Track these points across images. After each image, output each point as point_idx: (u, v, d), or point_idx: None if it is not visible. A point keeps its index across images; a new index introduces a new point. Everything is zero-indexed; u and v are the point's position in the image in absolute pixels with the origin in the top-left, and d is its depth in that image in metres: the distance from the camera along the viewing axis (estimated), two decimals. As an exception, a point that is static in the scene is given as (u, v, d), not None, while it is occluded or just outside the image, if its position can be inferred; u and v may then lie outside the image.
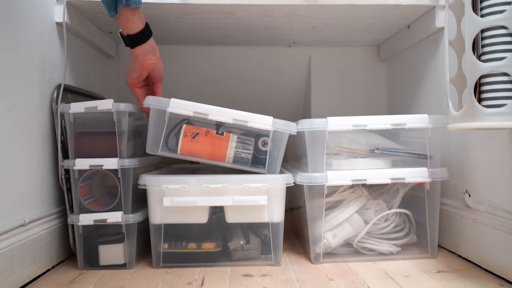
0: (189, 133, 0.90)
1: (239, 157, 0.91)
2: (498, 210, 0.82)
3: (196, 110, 0.87)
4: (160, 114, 0.88)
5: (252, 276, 0.84)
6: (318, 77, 1.46)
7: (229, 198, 0.87)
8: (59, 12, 0.96)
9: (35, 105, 0.87)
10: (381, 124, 0.90)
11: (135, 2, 0.84)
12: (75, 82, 1.08)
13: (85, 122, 0.91)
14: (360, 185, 0.93)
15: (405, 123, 0.90)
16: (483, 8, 0.69)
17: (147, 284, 0.80)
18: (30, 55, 0.85)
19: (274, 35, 1.28)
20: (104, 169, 0.88)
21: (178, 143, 0.89)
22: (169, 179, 0.87)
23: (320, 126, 0.90)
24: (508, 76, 0.66)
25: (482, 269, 0.86)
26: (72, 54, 1.06)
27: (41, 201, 0.88)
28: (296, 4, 1.00)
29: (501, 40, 0.67)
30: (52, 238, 0.89)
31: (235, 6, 1.00)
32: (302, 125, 0.91)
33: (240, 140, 0.91)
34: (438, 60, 1.07)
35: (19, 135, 0.80)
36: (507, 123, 0.66)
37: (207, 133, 0.90)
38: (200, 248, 0.90)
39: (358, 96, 1.47)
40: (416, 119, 0.91)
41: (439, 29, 1.03)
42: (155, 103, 0.87)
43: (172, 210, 0.88)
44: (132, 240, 0.89)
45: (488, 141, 0.86)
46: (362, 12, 1.06)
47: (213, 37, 1.30)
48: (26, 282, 0.79)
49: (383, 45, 1.41)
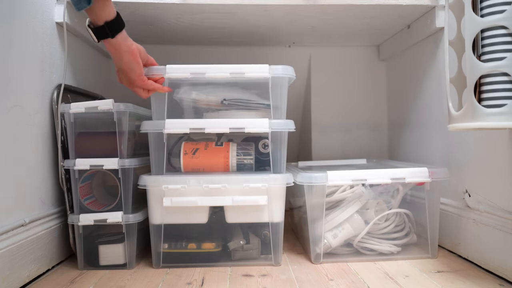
0: (189, 150, 0.90)
1: (242, 164, 0.91)
2: (498, 210, 0.82)
3: (191, 126, 0.88)
4: (158, 136, 0.89)
5: (252, 276, 0.84)
6: (318, 77, 1.46)
7: (229, 198, 0.87)
8: (59, 12, 0.95)
9: (35, 105, 0.87)
10: (220, 73, 0.89)
11: None
12: (75, 82, 1.08)
13: (85, 122, 0.91)
14: (360, 185, 0.93)
15: (244, 72, 0.88)
16: (483, 8, 0.69)
17: (147, 284, 0.80)
18: (30, 55, 0.85)
19: (274, 35, 1.29)
20: (104, 169, 0.88)
21: (180, 161, 0.90)
22: (169, 179, 0.87)
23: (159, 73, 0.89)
24: (508, 76, 0.66)
25: (482, 269, 0.86)
26: (72, 54, 1.06)
27: (41, 201, 0.88)
28: (296, 4, 1.00)
29: (501, 40, 0.67)
30: (52, 238, 0.89)
31: (235, 6, 1.00)
32: None
33: (240, 147, 0.92)
34: (438, 60, 1.07)
35: (19, 135, 0.80)
36: (507, 123, 0.66)
37: (207, 146, 0.91)
38: (200, 248, 0.90)
39: (358, 96, 1.47)
40: (255, 68, 0.89)
41: (439, 29, 1.03)
42: (151, 127, 0.88)
43: (172, 210, 0.88)
44: (132, 240, 0.89)
45: (488, 141, 0.86)
46: (362, 12, 1.06)
47: (213, 37, 1.30)
48: (26, 282, 0.79)
49: (383, 45, 1.41)
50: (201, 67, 0.88)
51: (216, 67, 0.88)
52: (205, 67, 0.88)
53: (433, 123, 1.11)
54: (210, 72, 0.88)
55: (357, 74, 1.47)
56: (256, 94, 0.94)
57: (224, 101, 0.92)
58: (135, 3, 0.98)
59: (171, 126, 0.88)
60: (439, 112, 1.07)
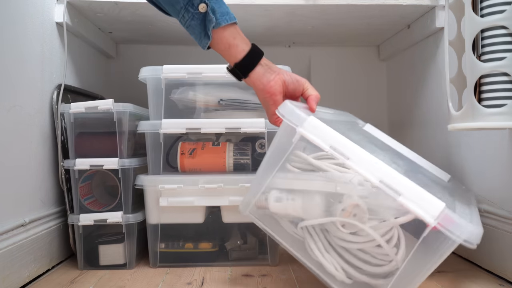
0: (185, 150, 0.91)
1: (239, 164, 0.91)
2: (498, 210, 0.82)
3: (188, 126, 0.88)
4: (154, 136, 0.89)
5: (252, 276, 0.84)
6: (318, 77, 1.46)
7: (225, 199, 0.87)
8: (59, 12, 0.95)
9: (35, 105, 0.87)
10: (217, 73, 0.88)
11: (226, 18, 0.67)
12: (75, 82, 1.08)
13: (85, 122, 0.91)
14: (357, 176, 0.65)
15: None
16: (483, 8, 0.69)
17: (147, 284, 0.80)
18: (30, 55, 0.85)
19: (274, 35, 1.28)
20: (104, 169, 0.88)
21: (177, 161, 0.90)
22: (165, 179, 0.87)
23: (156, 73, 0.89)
24: (508, 76, 0.66)
25: (482, 269, 0.86)
26: (72, 54, 1.06)
27: (41, 201, 0.88)
28: (296, 4, 1.00)
29: (501, 40, 0.67)
30: (52, 238, 0.89)
31: (235, 6, 1.00)
32: None
33: (237, 148, 0.92)
34: (438, 60, 1.06)
35: (19, 135, 0.80)
36: (507, 123, 0.66)
37: (204, 146, 0.91)
38: (197, 248, 0.91)
39: (358, 96, 1.47)
40: None
41: (439, 29, 1.03)
42: (148, 127, 0.88)
43: (168, 210, 0.88)
44: (132, 240, 0.89)
45: (488, 141, 0.86)
46: (362, 12, 1.06)
47: (213, 37, 1.30)
48: (26, 282, 0.79)
49: (383, 45, 1.41)
50: (198, 67, 0.88)
51: (212, 67, 0.88)
52: (202, 67, 0.88)
53: (433, 123, 1.11)
54: (207, 72, 0.88)
55: (357, 74, 1.47)
56: (253, 94, 0.93)
57: (221, 101, 0.92)
58: (135, 3, 0.98)
59: (167, 126, 0.88)
60: (439, 112, 1.07)
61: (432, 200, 0.57)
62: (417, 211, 0.57)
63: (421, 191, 0.58)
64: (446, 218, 0.56)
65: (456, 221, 0.56)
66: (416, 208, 0.57)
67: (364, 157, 0.61)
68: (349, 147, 0.62)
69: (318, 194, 0.68)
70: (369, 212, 0.63)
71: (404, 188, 0.58)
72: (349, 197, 0.65)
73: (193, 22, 0.67)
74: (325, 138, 0.63)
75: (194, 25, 0.67)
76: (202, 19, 0.66)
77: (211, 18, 0.66)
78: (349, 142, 0.62)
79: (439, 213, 0.56)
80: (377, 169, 0.60)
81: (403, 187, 0.58)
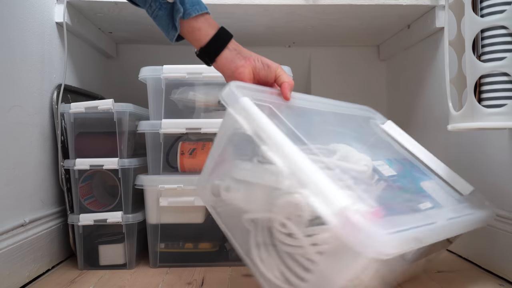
0: (185, 150, 0.90)
1: None
2: (498, 210, 0.82)
3: (188, 126, 0.88)
4: (154, 136, 0.89)
5: (252, 276, 0.84)
6: (318, 77, 1.46)
7: None
8: (59, 12, 0.96)
9: (35, 105, 0.87)
10: (217, 73, 0.85)
11: (197, 8, 0.64)
12: (75, 82, 1.08)
13: (85, 122, 0.91)
14: None
15: None
16: (483, 8, 0.69)
17: (147, 284, 0.80)
18: (30, 55, 0.85)
19: (274, 35, 1.28)
20: (104, 169, 0.88)
21: (177, 161, 0.90)
22: (165, 179, 0.87)
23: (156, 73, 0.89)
24: (508, 76, 0.66)
25: (482, 269, 0.86)
26: (72, 54, 1.06)
27: (41, 201, 0.88)
28: (296, 4, 1.00)
29: (501, 40, 0.67)
30: (52, 238, 0.89)
31: (235, 6, 1.00)
32: None
33: None
34: (438, 60, 1.07)
35: (19, 135, 0.80)
36: (507, 123, 0.66)
37: (204, 146, 0.91)
38: (197, 248, 0.91)
39: (358, 96, 1.47)
40: None
41: (439, 29, 1.03)
42: (148, 127, 0.88)
43: (168, 210, 0.88)
44: (132, 240, 0.89)
45: (488, 141, 0.86)
46: (362, 12, 1.06)
47: (213, 37, 1.30)
48: (26, 282, 0.79)
49: (383, 45, 1.41)
50: (198, 67, 0.88)
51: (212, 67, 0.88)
52: (202, 67, 0.88)
53: (433, 123, 1.11)
54: (207, 72, 0.88)
55: (357, 74, 1.47)
56: None
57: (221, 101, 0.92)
58: (135, 3, 0.98)
59: (167, 126, 0.88)
60: (439, 112, 1.07)
61: (338, 196, 0.48)
62: (318, 207, 0.48)
63: (328, 185, 0.49)
64: (349, 219, 0.46)
65: (362, 226, 0.45)
66: (318, 203, 0.48)
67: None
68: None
69: (259, 187, 0.60)
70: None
71: (310, 181, 0.50)
72: (288, 194, 0.54)
73: (160, 12, 0.65)
74: (250, 121, 0.58)
75: (161, 15, 0.65)
76: (170, 9, 0.64)
77: (178, 8, 0.63)
78: (273, 129, 0.56)
79: (339, 211, 0.47)
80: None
81: (310, 179, 0.50)
